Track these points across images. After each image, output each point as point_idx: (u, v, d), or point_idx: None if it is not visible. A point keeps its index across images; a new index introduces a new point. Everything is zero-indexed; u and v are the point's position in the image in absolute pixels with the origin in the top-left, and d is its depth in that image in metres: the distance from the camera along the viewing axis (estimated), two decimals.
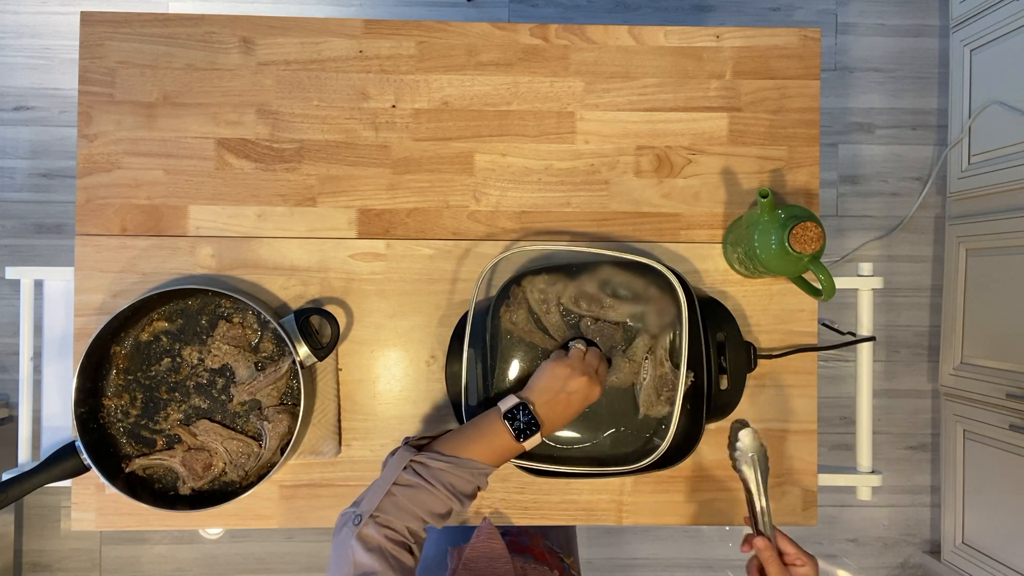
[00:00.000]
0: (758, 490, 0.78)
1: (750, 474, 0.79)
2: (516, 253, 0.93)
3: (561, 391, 0.77)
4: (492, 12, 1.91)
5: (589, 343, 0.87)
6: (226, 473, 0.90)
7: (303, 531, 1.91)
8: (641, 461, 0.84)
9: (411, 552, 0.67)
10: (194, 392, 0.91)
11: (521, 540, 0.93)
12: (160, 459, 0.88)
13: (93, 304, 0.94)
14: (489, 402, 0.86)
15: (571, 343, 0.84)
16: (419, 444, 0.74)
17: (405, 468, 0.70)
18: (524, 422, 0.74)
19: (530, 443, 0.75)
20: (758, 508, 0.78)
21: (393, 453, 0.74)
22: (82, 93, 0.95)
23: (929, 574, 1.91)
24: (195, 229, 0.95)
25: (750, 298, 0.97)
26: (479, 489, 0.74)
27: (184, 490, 0.88)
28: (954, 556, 1.80)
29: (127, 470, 0.88)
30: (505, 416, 0.74)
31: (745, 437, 0.80)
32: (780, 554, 0.75)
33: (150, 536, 1.84)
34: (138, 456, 0.89)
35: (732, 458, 0.81)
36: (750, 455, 0.79)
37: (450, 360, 0.91)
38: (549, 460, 0.87)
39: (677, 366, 0.85)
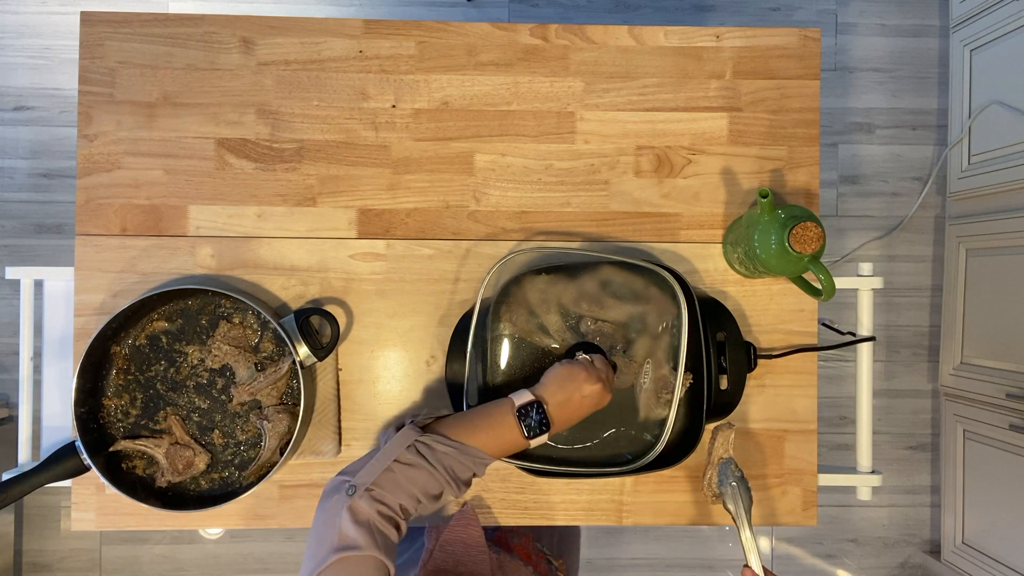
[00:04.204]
0: (741, 523, 0.79)
1: (732, 507, 0.80)
2: (519, 253, 0.93)
3: (576, 393, 0.76)
4: (492, 12, 1.91)
5: (594, 349, 0.86)
6: (199, 478, 0.90)
7: (303, 531, 1.90)
8: (640, 461, 0.84)
9: (398, 528, 0.67)
10: (194, 392, 0.91)
11: (509, 538, 0.93)
12: (146, 446, 0.88)
13: (93, 304, 0.94)
14: (495, 391, 0.86)
15: (578, 354, 0.83)
16: (424, 424, 0.74)
17: (409, 447, 0.70)
18: (536, 420, 0.74)
19: (536, 442, 0.75)
20: (743, 540, 0.78)
21: (397, 428, 0.73)
22: (82, 93, 0.95)
23: (929, 574, 1.91)
24: (195, 229, 0.95)
25: (750, 298, 0.97)
26: (475, 477, 0.74)
27: (160, 482, 0.89)
28: (954, 556, 1.80)
29: (111, 448, 0.87)
30: (518, 411, 0.74)
31: (726, 469, 0.82)
32: None
33: (150, 536, 1.84)
34: (125, 438, 0.89)
35: (719, 492, 0.82)
36: (732, 484, 0.81)
37: (450, 360, 0.91)
38: (549, 460, 0.88)
39: (676, 368, 0.85)
